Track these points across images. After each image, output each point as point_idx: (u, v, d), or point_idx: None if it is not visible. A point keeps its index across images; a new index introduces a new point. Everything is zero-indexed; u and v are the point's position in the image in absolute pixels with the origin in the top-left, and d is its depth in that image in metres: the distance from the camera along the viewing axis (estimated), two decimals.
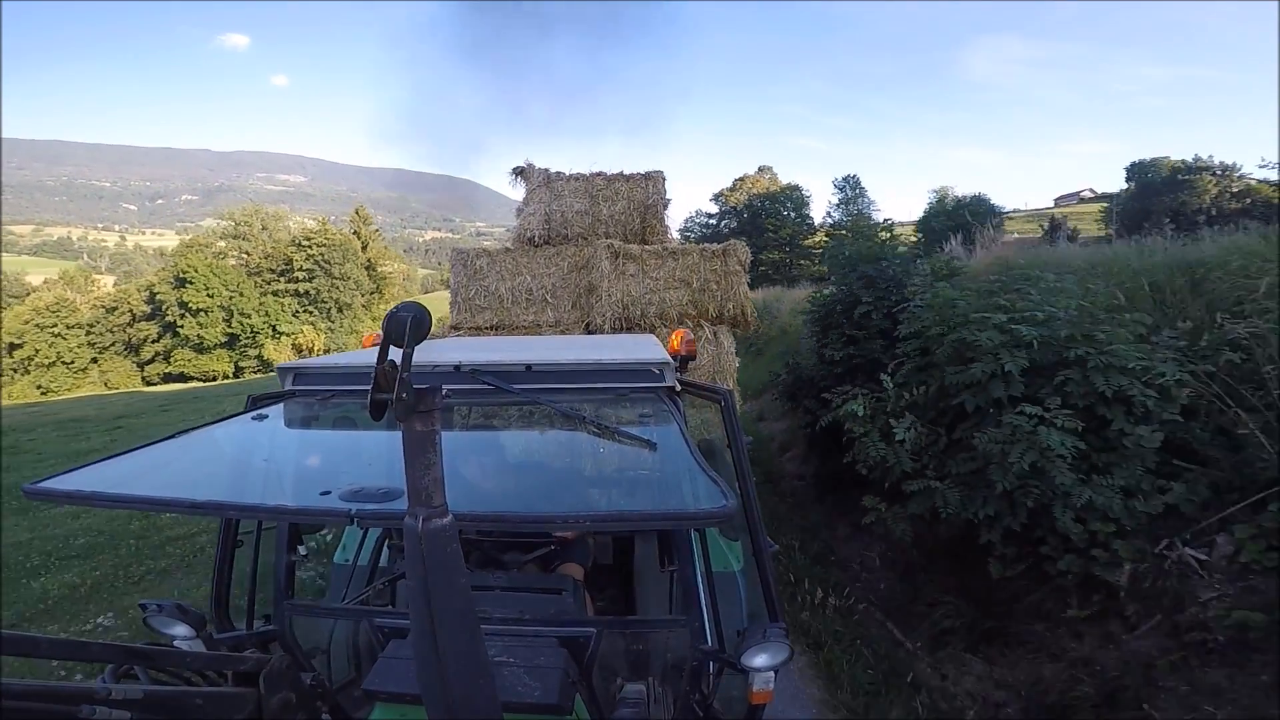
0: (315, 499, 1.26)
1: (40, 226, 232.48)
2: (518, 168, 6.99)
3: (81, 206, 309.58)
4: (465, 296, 6.39)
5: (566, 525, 1.70)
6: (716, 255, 6.08)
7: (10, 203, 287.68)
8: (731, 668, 1.64)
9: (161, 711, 1.02)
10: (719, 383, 5.75)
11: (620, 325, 5.83)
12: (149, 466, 1.52)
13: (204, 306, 43.00)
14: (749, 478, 1.90)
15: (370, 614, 1.92)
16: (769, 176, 47.17)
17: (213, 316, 43.40)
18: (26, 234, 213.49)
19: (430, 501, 0.88)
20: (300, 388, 1.95)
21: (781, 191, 44.59)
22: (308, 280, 48.13)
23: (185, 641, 1.64)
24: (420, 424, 0.89)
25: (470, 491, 1.52)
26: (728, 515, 1.05)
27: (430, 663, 0.89)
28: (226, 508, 1.45)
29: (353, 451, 1.82)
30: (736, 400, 2.35)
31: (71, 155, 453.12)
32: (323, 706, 1.58)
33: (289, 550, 1.88)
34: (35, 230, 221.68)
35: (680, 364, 2.43)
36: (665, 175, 6.66)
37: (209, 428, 1.75)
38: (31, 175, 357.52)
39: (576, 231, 6.49)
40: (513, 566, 2.20)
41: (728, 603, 1.94)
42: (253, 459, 1.72)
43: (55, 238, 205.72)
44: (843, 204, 44.14)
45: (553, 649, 1.61)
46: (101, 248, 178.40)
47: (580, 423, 1.63)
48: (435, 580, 0.88)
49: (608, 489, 1.68)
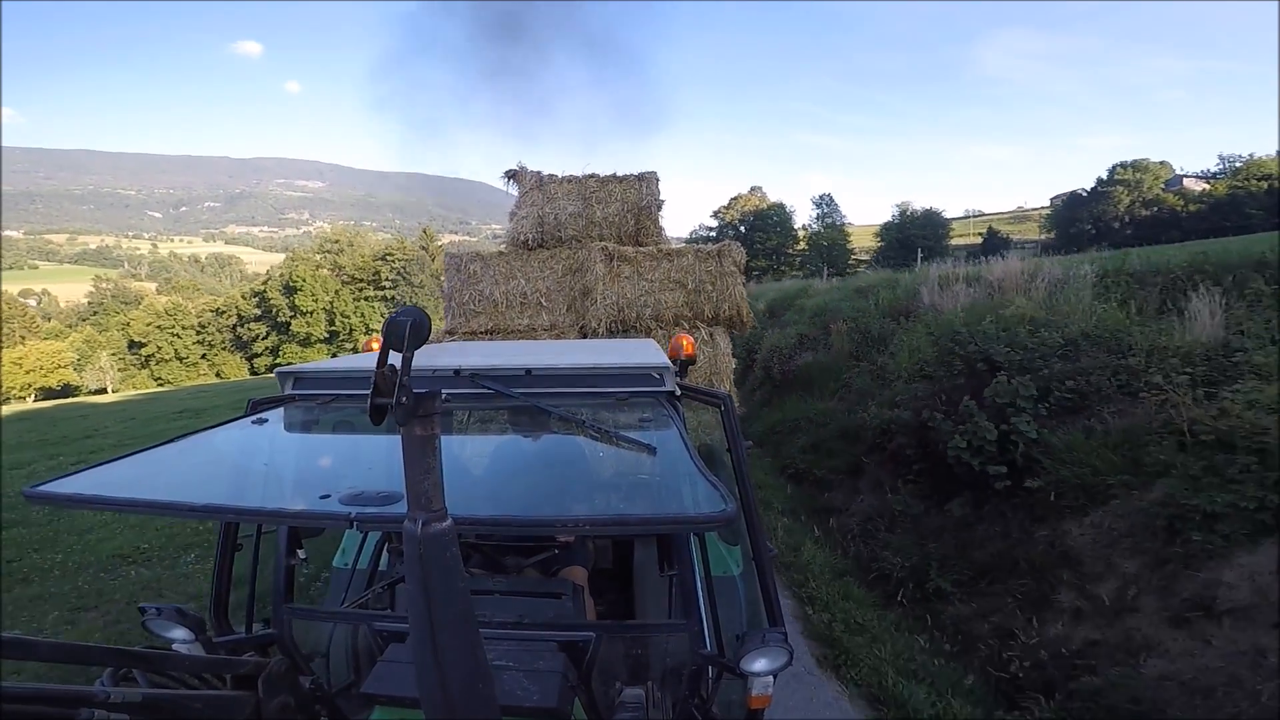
0: (315, 503, 1.26)
1: (74, 235, 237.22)
2: (510, 170, 6.94)
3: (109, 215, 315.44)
4: (459, 301, 6.34)
5: (566, 529, 1.71)
6: (711, 256, 6.07)
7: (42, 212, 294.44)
8: (730, 672, 1.64)
9: (160, 714, 1.02)
10: (715, 384, 5.75)
11: (616, 328, 5.82)
12: (149, 470, 1.52)
13: (310, 309, 53.79)
14: (749, 482, 1.91)
15: (369, 618, 1.92)
16: (759, 195, 56.47)
17: (317, 317, 53.95)
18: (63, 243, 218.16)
19: (430, 505, 0.89)
20: (300, 392, 1.95)
21: (769, 209, 54.02)
22: (392, 288, 57.41)
23: (184, 645, 1.63)
24: (420, 428, 0.89)
25: (470, 495, 1.53)
26: (728, 519, 1.06)
27: (429, 666, 0.89)
28: (226, 511, 1.45)
29: (352, 455, 1.82)
30: (735, 403, 2.36)
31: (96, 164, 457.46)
32: (321, 710, 1.58)
33: (288, 554, 1.88)
34: (70, 239, 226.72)
35: (680, 368, 2.44)
36: (658, 176, 6.64)
37: (209, 431, 1.75)
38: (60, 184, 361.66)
39: (570, 234, 6.46)
40: (513, 570, 2.20)
41: (727, 607, 1.94)
42: (253, 463, 1.71)
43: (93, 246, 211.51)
44: (819, 218, 55.93)
45: (552, 653, 1.61)
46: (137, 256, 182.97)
47: (580, 427, 1.64)
48: (434, 584, 0.88)
49: (607, 493, 1.69)
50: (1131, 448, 4.32)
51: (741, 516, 1.82)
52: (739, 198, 56.19)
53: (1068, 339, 5.62)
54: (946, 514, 5.15)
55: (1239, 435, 3.79)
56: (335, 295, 55.10)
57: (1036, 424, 4.79)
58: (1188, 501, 3.69)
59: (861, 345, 9.18)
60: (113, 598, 4.82)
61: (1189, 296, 5.39)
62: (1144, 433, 4.33)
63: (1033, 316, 6.44)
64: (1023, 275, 8.17)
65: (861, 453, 6.71)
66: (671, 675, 1.99)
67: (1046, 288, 7.28)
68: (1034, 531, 4.44)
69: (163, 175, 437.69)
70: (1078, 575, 4.00)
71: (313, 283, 53.99)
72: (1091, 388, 4.93)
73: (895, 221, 52.16)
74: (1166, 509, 3.80)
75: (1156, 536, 3.80)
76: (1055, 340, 5.63)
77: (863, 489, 6.33)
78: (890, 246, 48.15)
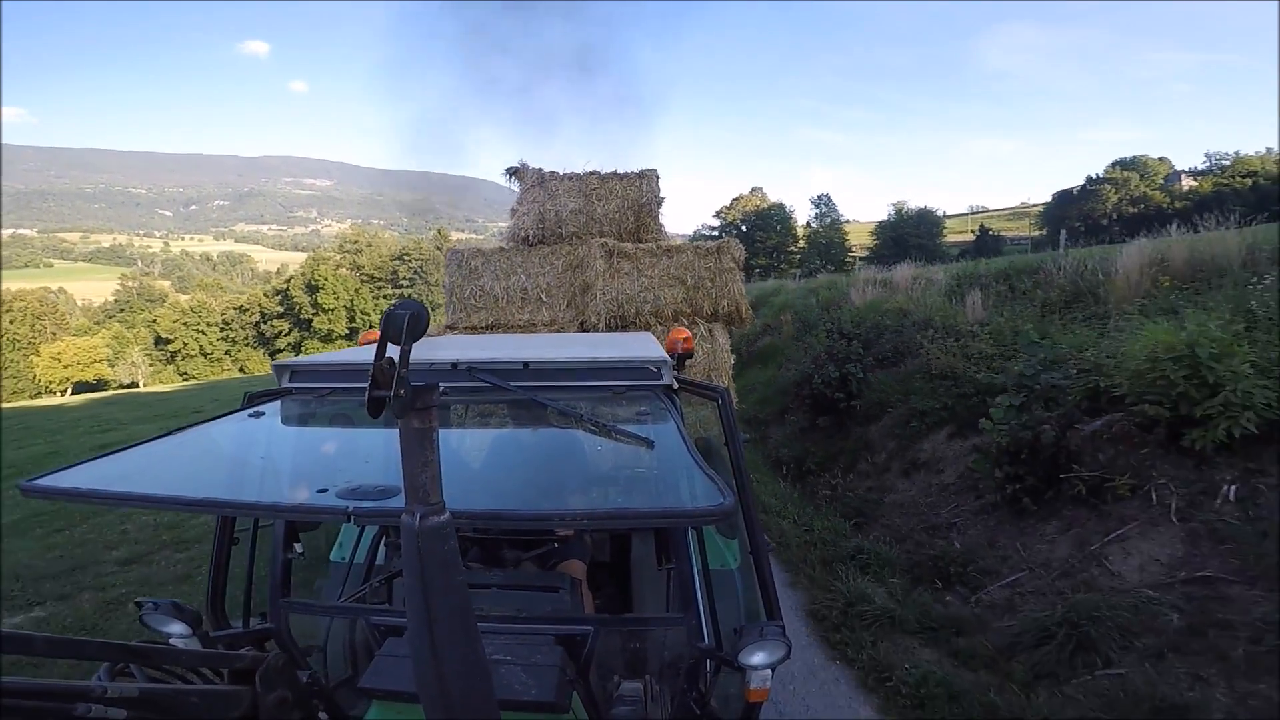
0: (313, 496, 1.25)
1: (87, 234, 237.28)
2: (511, 167, 6.95)
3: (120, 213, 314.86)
4: (460, 296, 6.36)
5: (564, 523, 1.70)
6: (711, 253, 6.07)
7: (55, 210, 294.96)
8: (729, 665, 1.64)
9: (157, 709, 1.02)
10: (714, 379, 5.75)
11: (615, 324, 5.82)
12: (145, 464, 1.52)
13: (331, 306, 56.60)
14: (746, 475, 1.90)
15: (367, 612, 1.92)
16: (760, 195, 59.70)
17: (338, 314, 56.73)
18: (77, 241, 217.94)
19: (427, 499, 0.88)
20: (298, 385, 1.94)
21: (770, 209, 57.14)
22: (409, 286, 60.59)
23: (181, 639, 1.63)
24: (417, 421, 0.89)
25: (468, 489, 1.52)
26: (725, 512, 1.06)
27: (427, 660, 0.89)
28: (223, 505, 1.45)
29: (350, 449, 1.82)
30: (733, 398, 2.36)
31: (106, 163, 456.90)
32: (319, 704, 1.58)
33: (285, 548, 1.88)
34: (83, 238, 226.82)
35: (678, 362, 2.44)
36: (659, 173, 6.65)
37: (206, 425, 1.74)
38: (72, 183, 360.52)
39: (571, 230, 6.47)
40: (511, 564, 2.20)
41: (725, 600, 1.94)
42: (250, 456, 1.71)
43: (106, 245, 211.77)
44: (818, 217, 59.60)
45: (549, 647, 1.60)
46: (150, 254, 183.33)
47: (577, 420, 1.63)
48: (432, 578, 0.88)
49: (605, 487, 1.68)
50: (906, 381, 7.27)
51: (739, 510, 1.81)
52: (740, 198, 59.29)
53: (904, 318, 8.72)
54: (817, 426, 8.30)
55: (949, 371, 6.61)
56: (355, 293, 58.26)
57: (864, 370, 7.83)
58: (917, 407, 6.59)
59: (801, 330, 12.22)
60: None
61: (973, 292, 8.62)
62: (913, 372, 7.31)
63: (902, 307, 9.28)
64: (911, 279, 11.38)
65: (788, 400, 9.56)
66: (669, 668, 1.99)
67: (921, 288, 10.41)
68: (853, 432, 7.55)
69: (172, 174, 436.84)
70: (870, 453, 6.94)
71: (334, 282, 57.28)
72: (903, 348, 7.99)
73: (891, 220, 55.29)
74: (910, 412, 6.68)
75: (904, 428, 6.63)
76: (893, 319, 8.82)
77: (785, 421, 9.33)
78: (885, 245, 49.56)
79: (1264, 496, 3.59)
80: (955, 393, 6.24)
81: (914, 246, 42.70)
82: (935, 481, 5.69)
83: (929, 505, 5.44)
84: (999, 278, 9.22)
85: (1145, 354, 4.16)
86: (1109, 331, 5.43)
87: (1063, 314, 6.85)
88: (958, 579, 4.35)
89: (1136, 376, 4.20)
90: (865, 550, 4.91)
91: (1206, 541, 3.57)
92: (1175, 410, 3.95)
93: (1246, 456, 3.79)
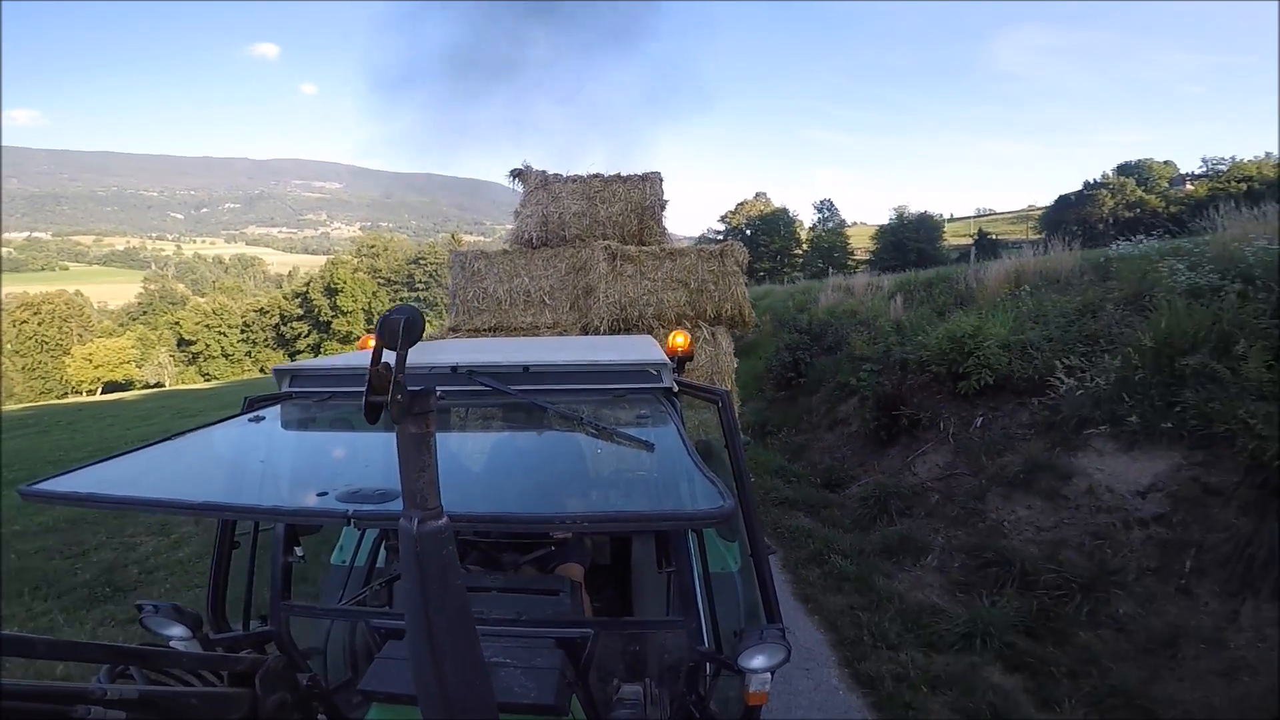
0: (313, 500, 1.26)
1: (100, 237, 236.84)
2: (515, 170, 6.97)
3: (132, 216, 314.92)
4: (463, 299, 6.38)
5: (563, 526, 1.70)
6: (714, 256, 6.07)
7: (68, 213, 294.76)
8: (728, 669, 1.64)
9: (157, 712, 1.02)
10: (717, 382, 5.75)
11: (618, 326, 5.82)
12: (146, 468, 1.52)
13: (350, 309, 59.14)
14: (746, 478, 1.90)
15: (367, 615, 1.92)
16: (764, 200, 62.29)
17: (356, 316, 58.97)
18: (90, 244, 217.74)
19: (425, 504, 0.88)
20: (297, 389, 1.95)
21: (773, 213, 58.46)
22: (425, 289, 63.54)
23: (181, 642, 1.63)
24: (414, 426, 0.89)
25: (468, 492, 1.52)
26: (725, 515, 1.05)
27: (426, 663, 0.89)
28: (224, 509, 1.45)
29: (350, 453, 1.82)
30: (735, 401, 2.36)
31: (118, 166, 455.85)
32: (319, 707, 1.57)
33: (286, 552, 1.88)
34: (97, 241, 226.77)
35: (678, 365, 2.43)
36: (662, 176, 6.65)
37: (206, 429, 1.75)
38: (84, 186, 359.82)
39: (574, 233, 6.48)
40: (510, 567, 2.20)
41: (725, 603, 1.94)
42: (250, 460, 1.71)
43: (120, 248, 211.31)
44: (821, 221, 61.75)
45: (549, 650, 1.60)
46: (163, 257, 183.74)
47: (577, 424, 1.63)
48: (431, 582, 0.88)
49: (605, 490, 1.68)
50: (838, 364, 9.47)
51: (739, 513, 1.81)
52: (745, 203, 61.67)
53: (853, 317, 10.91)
54: (778, 399, 10.65)
55: (864, 355, 8.68)
56: (373, 296, 60.98)
57: (810, 357, 10.31)
58: (842, 382, 8.76)
59: (777, 328, 13.84)
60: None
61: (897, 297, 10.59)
62: (843, 358, 9.51)
63: (854, 309, 11.43)
64: (865, 285, 13.41)
65: (762, 383, 11.51)
66: (669, 672, 1.99)
67: (871, 292, 12.22)
68: (800, 402, 9.90)
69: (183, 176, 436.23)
70: (811, 417, 9.22)
71: (353, 285, 60.22)
72: (840, 339, 10.20)
73: (892, 225, 55.76)
74: (836, 385, 8.97)
75: (832, 397, 9.01)
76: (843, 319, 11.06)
77: (757, 397, 11.22)
78: (885, 249, 49.76)
79: (995, 423, 5.86)
80: (866, 370, 8.26)
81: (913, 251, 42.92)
82: (845, 430, 8.14)
83: (836, 444, 8.06)
84: (925, 285, 11.16)
85: (942, 335, 6.80)
86: (947, 322, 7.61)
87: (947, 313, 8.54)
88: (838, 484, 6.91)
89: (936, 350, 6.75)
90: (787, 469, 7.54)
91: (964, 454, 5.80)
92: (951, 370, 6.44)
93: (990, 399, 6.11)
